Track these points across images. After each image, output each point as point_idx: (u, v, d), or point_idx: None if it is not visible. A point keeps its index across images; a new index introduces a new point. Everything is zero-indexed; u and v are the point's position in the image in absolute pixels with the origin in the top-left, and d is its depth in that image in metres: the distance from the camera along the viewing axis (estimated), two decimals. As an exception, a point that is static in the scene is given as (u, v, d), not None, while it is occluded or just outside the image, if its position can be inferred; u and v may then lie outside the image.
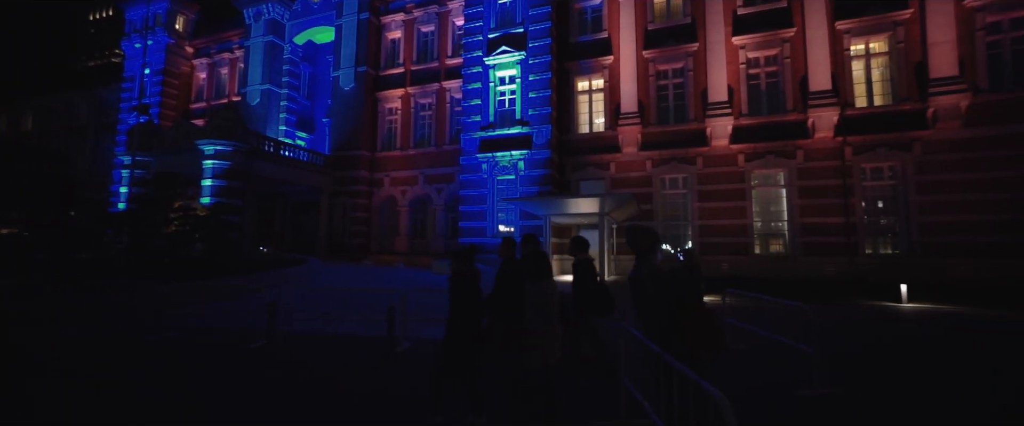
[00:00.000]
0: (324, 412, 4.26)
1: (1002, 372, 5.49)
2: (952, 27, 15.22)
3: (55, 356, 6.42)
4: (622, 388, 3.75)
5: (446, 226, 22.58)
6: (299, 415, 4.20)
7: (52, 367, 5.86)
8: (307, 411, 4.29)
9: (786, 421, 3.91)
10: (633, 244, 3.52)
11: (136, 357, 6.38)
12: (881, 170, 15.88)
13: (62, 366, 5.89)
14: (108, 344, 7.22)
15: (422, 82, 23.65)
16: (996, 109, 14.65)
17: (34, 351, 6.74)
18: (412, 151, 23.61)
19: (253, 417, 4.22)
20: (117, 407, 4.45)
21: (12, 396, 4.79)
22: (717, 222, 17.39)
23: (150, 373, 5.61)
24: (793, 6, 17.29)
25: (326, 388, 4.95)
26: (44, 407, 4.48)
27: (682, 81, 18.68)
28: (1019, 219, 14.07)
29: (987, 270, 13.78)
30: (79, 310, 10.03)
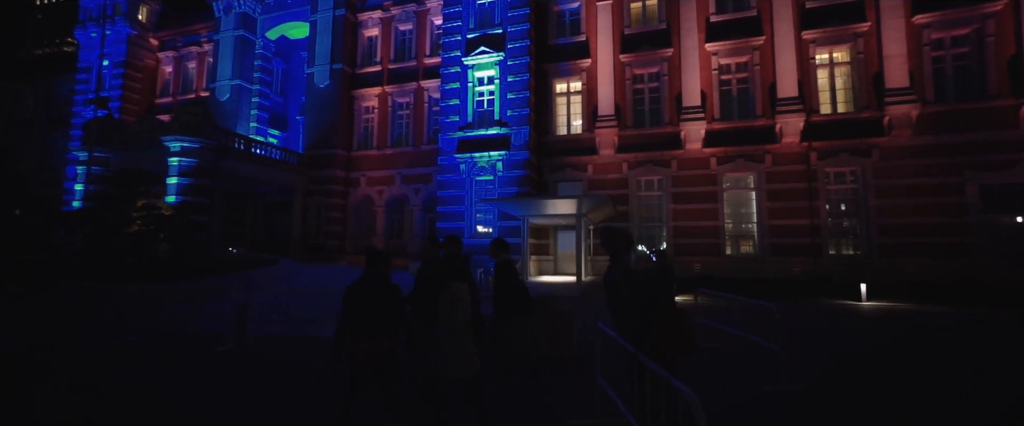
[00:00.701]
0: (293, 419, 4.16)
1: (949, 363, 5.84)
2: (903, 41, 16.09)
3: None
4: (597, 387, 3.80)
5: (423, 226, 22.37)
6: (268, 421, 4.08)
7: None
8: (276, 420, 4.18)
9: (752, 416, 4.04)
10: (607, 245, 3.57)
11: (91, 364, 6.07)
12: (843, 174, 16.62)
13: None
14: (59, 352, 6.84)
15: (400, 81, 23.38)
16: (940, 119, 15.58)
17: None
18: (389, 150, 23.30)
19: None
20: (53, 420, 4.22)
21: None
22: (690, 224, 17.83)
23: (109, 381, 5.35)
24: (762, 15, 17.92)
25: (296, 395, 4.83)
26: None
27: (657, 85, 19.08)
28: (959, 222, 15.02)
29: (936, 269, 14.61)
30: (25, 314, 9.47)
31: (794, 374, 4.98)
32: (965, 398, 4.55)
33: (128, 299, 10.14)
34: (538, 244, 19.26)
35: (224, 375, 5.55)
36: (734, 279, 14.48)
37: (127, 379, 5.38)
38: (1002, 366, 5.84)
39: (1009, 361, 6.09)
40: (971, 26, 15.77)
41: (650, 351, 3.14)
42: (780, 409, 4.20)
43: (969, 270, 14.22)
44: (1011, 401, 4.50)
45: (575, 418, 3.86)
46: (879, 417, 4.04)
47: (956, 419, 4.04)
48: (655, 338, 3.26)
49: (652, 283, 3.48)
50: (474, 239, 19.34)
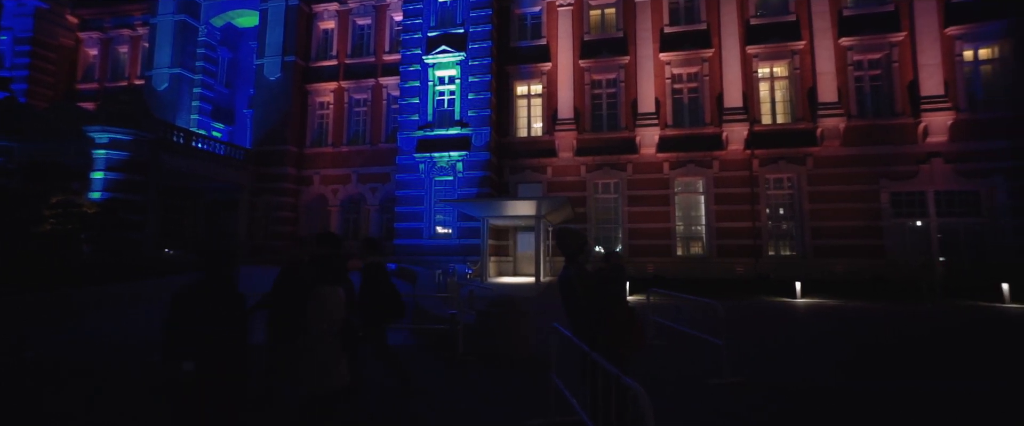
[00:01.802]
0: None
1: (867, 350, 6.46)
2: (832, 60, 17.60)
3: None
4: (552, 387, 3.89)
5: (381, 227, 21.83)
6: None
7: None
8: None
9: (697, 408, 4.28)
10: (562, 247, 3.67)
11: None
12: (782, 180, 17.90)
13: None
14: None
15: (357, 77, 22.69)
16: (861, 132, 17.18)
17: None
18: (345, 148, 22.54)
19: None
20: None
21: None
22: (644, 226, 18.54)
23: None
24: (712, 29, 18.95)
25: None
26: None
27: (615, 91, 19.70)
28: (876, 225, 16.63)
29: (857, 268, 16.08)
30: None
31: (736, 367, 5.32)
32: (874, 378, 5.05)
33: (37, 307, 9.16)
34: (498, 245, 19.33)
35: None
36: (684, 279, 15.22)
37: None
38: (903, 351, 6.53)
39: (900, 346, 6.82)
40: (882, 52, 17.48)
41: (603, 349, 3.25)
42: (723, 400, 4.48)
43: (883, 269, 15.76)
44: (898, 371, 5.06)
45: (531, 418, 3.93)
46: (809, 401, 4.40)
47: (865, 398, 4.48)
48: (608, 336, 3.39)
49: (605, 283, 3.61)
50: (433, 240, 19.12)
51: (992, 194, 16.13)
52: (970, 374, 5.45)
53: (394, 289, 4.47)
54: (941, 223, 16.46)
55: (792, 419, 4.05)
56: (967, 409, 4.25)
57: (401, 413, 4.17)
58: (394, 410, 4.23)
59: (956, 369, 5.72)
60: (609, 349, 3.27)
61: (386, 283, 4.44)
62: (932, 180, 16.51)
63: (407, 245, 19.18)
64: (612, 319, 3.41)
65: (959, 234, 16.41)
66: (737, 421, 3.99)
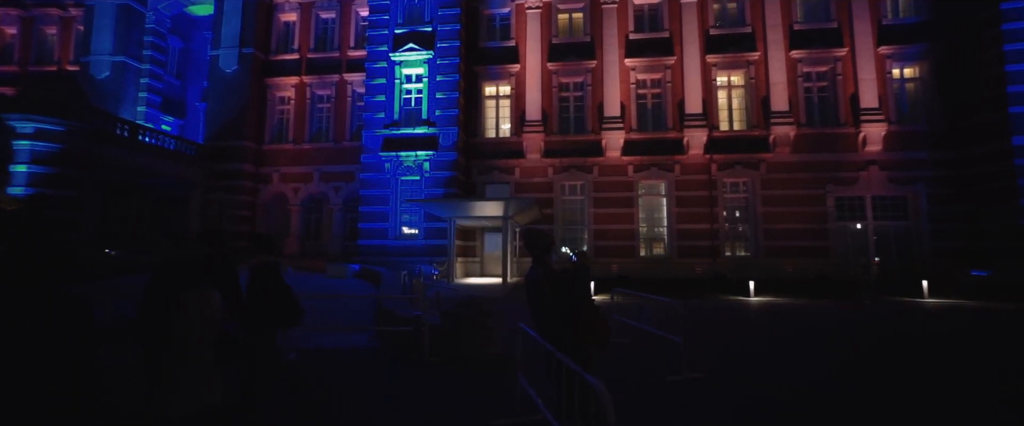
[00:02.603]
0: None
1: (813, 344, 6.94)
2: (784, 71, 18.70)
3: None
4: (518, 387, 3.94)
5: (344, 227, 21.25)
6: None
7: None
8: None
9: (655, 403, 4.46)
10: (530, 247, 3.72)
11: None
12: (738, 184, 18.81)
13: None
14: None
15: (320, 72, 21.97)
16: (809, 140, 18.37)
17: None
18: (307, 145, 21.77)
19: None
20: None
21: None
22: (609, 227, 18.99)
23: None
24: (674, 37, 19.66)
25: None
26: None
27: (582, 94, 20.07)
28: (822, 228, 17.83)
29: (805, 268, 17.15)
30: None
31: (694, 363, 5.56)
32: (818, 369, 5.45)
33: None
34: (465, 246, 19.25)
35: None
36: (647, 279, 15.71)
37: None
38: (844, 342, 7.07)
39: (846, 339, 7.38)
40: (828, 65, 18.75)
41: (570, 348, 3.33)
42: (681, 395, 4.68)
43: (827, 268, 16.89)
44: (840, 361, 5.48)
45: (497, 418, 3.96)
46: (760, 393, 4.68)
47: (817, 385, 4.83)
48: (575, 335, 3.47)
49: (571, 282, 3.71)
50: (399, 240, 18.81)
51: (916, 200, 17.66)
52: (895, 358, 5.97)
53: (288, 292, 4.07)
54: (876, 226, 17.83)
55: (744, 411, 4.29)
56: (890, 381, 4.67)
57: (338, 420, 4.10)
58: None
59: (885, 356, 6.24)
60: (576, 348, 3.36)
61: (277, 285, 4.05)
62: (870, 186, 17.85)
63: (372, 246, 18.76)
64: (579, 318, 3.49)
65: (891, 236, 17.84)
66: (693, 415, 4.20)
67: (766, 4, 19.11)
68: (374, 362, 6.08)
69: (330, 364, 5.90)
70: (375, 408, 4.37)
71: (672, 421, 4.09)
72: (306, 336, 7.03)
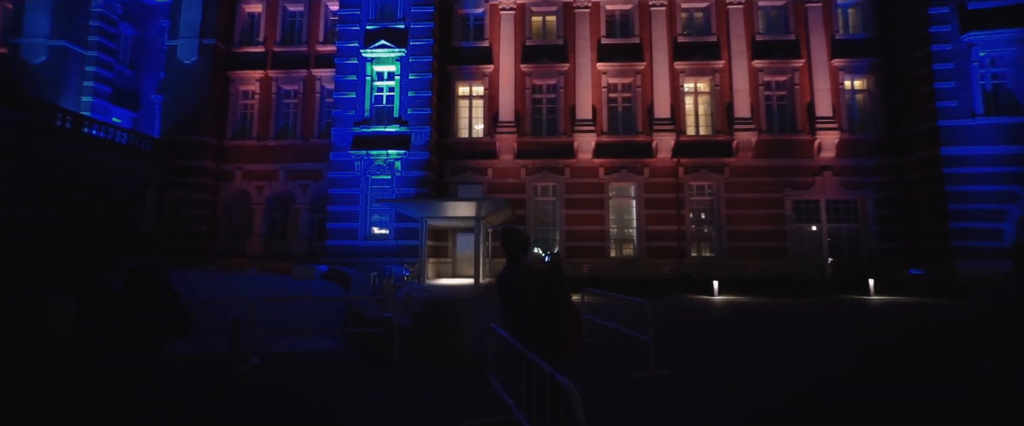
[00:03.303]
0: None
1: (773, 340, 7.31)
2: (746, 79, 19.55)
3: None
4: (489, 388, 3.97)
5: (311, 227, 20.65)
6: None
7: None
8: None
9: (623, 400, 4.60)
10: (508, 246, 3.72)
11: None
12: (703, 187, 19.50)
13: None
14: None
15: (287, 66, 21.27)
16: (769, 146, 19.28)
17: None
18: (272, 142, 21.03)
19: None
20: None
21: None
22: (580, 228, 19.29)
23: None
24: (644, 43, 20.18)
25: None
26: None
27: (555, 97, 20.29)
28: (780, 229, 18.76)
29: (765, 268, 17.99)
30: None
31: (661, 361, 5.76)
32: (776, 365, 5.75)
33: None
34: (437, 246, 19.11)
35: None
36: (617, 279, 16.06)
37: None
38: (802, 340, 7.49)
39: (799, 336, 7.83)
40: (787, 75, 19.75)
41: (549, 345, 3.38)
42: (648, 392, 4.84)
43: (785, 268, 17.78)
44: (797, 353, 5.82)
45: (468, 419, 3.98)
46: (722, 387, 4.90)
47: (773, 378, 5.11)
48: (556, 333, 3.53)
49: (554, 282, 3.76)
50: (369, 241, 18.45)
51: (865, 204, 18.85)
52: (852, 347, 6.39)
53: (172, 299, 3.63)
54: (830, 228, 18.91)
55: (707, 404, 4.49)
56: (838, 367, 5.00)
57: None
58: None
59: (842, 346, 6.65)
60: (555, 346, 3.41)
61: (160, 292, 3.59)
62: (824, 190, 18.91)
63: (341, 246, 18.32)
64: (560, 317, 3.55)
65: (843, 237, 18.96)
66: (658, 409, 4.36)
67: (730, 15, 19.92)
68: (343, 365, 5.97)
69: (297, 368, 5.75)
70: (343, 410, 4.30)
71: (639, 418, 4.22)
72: (271, 339, 6.82)
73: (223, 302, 8.93)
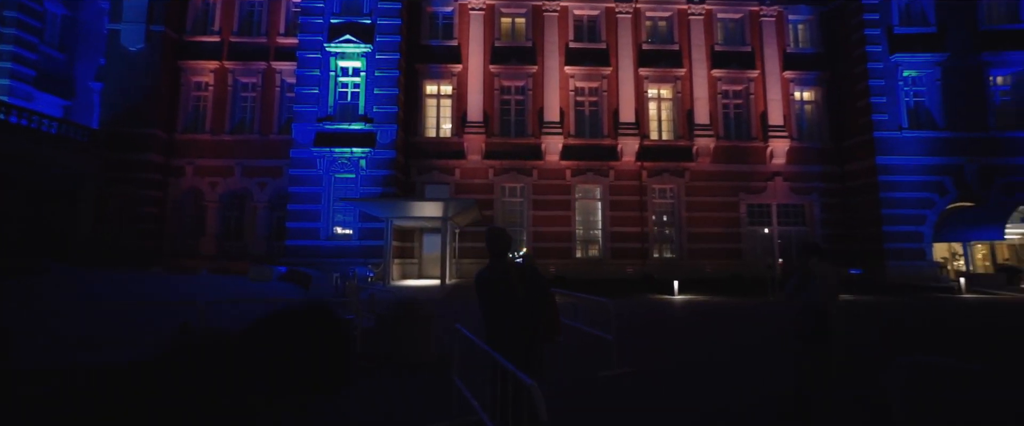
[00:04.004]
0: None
1: (727, 336, 7.69)
2: (706, 87, 20.44)
3: None
4: (454, 389, 3.96)
5: (269, 226, 19.79)
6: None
7: None
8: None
9: (585, 397, 4.72)
10: (494, 245, 3.75)
11: None
12: (665, 190, 20.20)
13: None
14: None
15: (245, 58, 20.27)
16: (726, 152, 20.24)
17: None
18: (228, 137, 19.99)
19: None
20: None
21: None
22: (548, 229, 19.51)
23: None
24: (610, 49, 20.67)
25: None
26: None
27: (523, 98, 20.42)
28: (736, 232, 19.73)
29: (721, 268, 18.86)
30: None
31: (624, 359, 5.93)
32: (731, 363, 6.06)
33: None
34: (402, 247, 18.79)
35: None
36: (582, 279, 16.36)
37: None
38: (753, 336, 7.92)
39: (752, 330, 8.29)
40: (742, 85, 20.80)
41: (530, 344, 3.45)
42: (610, 389, 4.99)
43: (740, 268, 18.71)
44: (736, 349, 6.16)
45: (432, 421, 3.97)
46: (681, 383, 5.11)
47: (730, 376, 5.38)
48: (548, 327, 3.66)
49: (536, 278, 3.85)
50: (332, 241, 17.90)
51: (811, 208, 20.13)
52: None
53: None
54: (780, 231, 20.05)
55: (668, 400, 4.67)
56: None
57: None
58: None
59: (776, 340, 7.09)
60: (531, 344, 3.48)
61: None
62: (775, 195, 20.03)
63: (301, 246, 17.67)
64: (545, 315, 3.65)
65: (792, 240, 20.14)
66: (619, 406, 4.50)
67: (691, 25, 20.74)
68: (305, 371, 5.75)
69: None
70: (298, 416, 4.16)
71: (603, 415, 4.33)
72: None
73: (168, 306, 8.40)
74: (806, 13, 21.03)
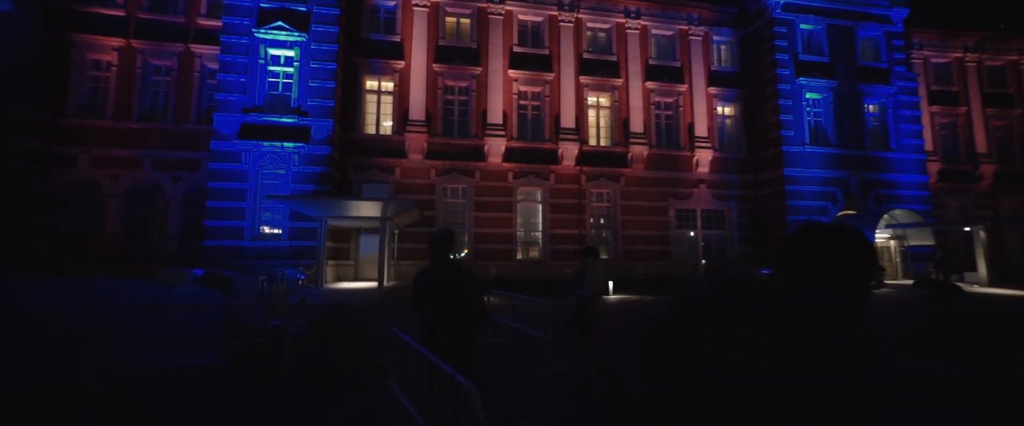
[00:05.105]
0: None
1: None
2: (640, 98, 21.67)
3: None
4: (389, 394, 3.89)
5: (184, 225, 17.96)
6: None
7: None
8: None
9: (521, 396, 4.83)
10: (440, 245, 3.90)
11: None
12: (602, 194, 21.09)
13: None
14: None
15: (157, 37, 18.24)
16: (658, 159, 21.59)
17: None
18: (135, 124, 17.85)
19: None
20: None
21: None
22: (489, 230, 19.57)
23: None
24: (553, 55, 21.22)
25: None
26: None
27: (467, 99, 20.33)
28: (665, 234, 21.12)
29: (652, 269, 20.06)
30: None
31: (560, 358, 6.13)
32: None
33: None
34: (338, 248, 17.92)
35: None
36: (523, 280, 16.59)
37: None
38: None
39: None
40: (673, 97, 22.32)
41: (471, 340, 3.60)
42: (546, 388, 5.15)
43: (669, 269, 20.03)
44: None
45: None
46: (618, 383, 5.39)
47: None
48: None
49: (472, 281, 4.00)
50: (258, 241, 16.63)
51: (730, 213, 22.06)
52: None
53: None
54: (704, 234, 21.74)
55: (600, 396, 4.90)
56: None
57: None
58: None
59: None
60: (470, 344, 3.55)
61: None
62: (700, 201, 21.68)
63: (222, 247, 16.22)
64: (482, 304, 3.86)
65: (713, 242, 21.93)
66: (553, 403, 4.66)
67: (628, 38, 21.88)
68: (222, 381, 5.32)
69: (161, 388, 4.99)
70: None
71: (539, 412, 4.46)
72: (124, 358, 5.77)
73: (54, 315, 7.33)
74: (728, 35, 23.02)
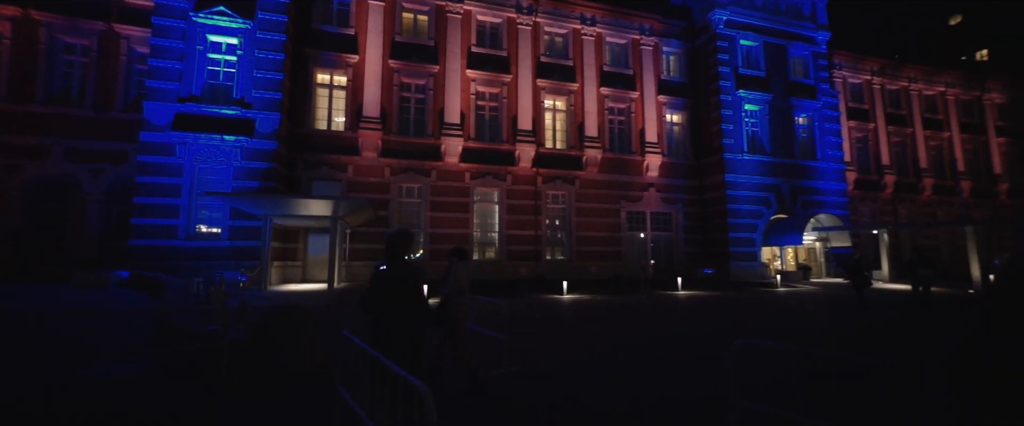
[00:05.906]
0: None
1: (608, 332, 8.50)
2: (595, 103, 22.33)
3: None
4: (338, 400, 3.76)
5: (106, 222, 16.30)
6: None
7: None
8: None
9: (478, 397, 4.84)
10: (398, 245, 3.93)
11: None
12: (558, 196, 21.49)
13: None
14: None
15: (72, 12, 16.43)
16: (611, 163, 22.34)
17: None
18: (40, 108, 15.97)
19: None
20: None
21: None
22: (445, 231, 19.36)
23: None
24: (511, 57, 21.36)
25: None
26: None
27: (424, 97, 20.00)
28: (617, 236, 21.91)
29: (605, 269, 20.72)
30: None
31: (515, 358, 6.19)
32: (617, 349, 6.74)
33: None
34: (284, 248, 17.01)
35: None
36: (480, 281, 16.54)
37: None
38: (627, 324, 8.90)
39: (626, 321, 9.32)
40: (626, 103, 23.20)
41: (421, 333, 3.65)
42: (501, 387, 5.19)
43: (620, 269, 20.77)
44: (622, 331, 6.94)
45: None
46: (565, 378, 5.53)
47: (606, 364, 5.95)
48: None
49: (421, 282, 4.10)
50: (194, 241, 15.43)
51: (677, 216, 23.24)
52: (664, 328, 7.86)
53: None
54: (653, 236, 22.73)
55: (553, 395, 5.00)
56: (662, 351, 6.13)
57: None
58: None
59: (658, 329, 8.10)
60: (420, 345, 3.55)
61: None
62: (649, 204, 22.66)
63: (152, 247, 14.88)
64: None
65: (661, 243, 22.99)
66: (508, 403, 4.71)
67: (584, 44, 22.48)
68: (151, 393, 4.90)
69: (82, 402, 4.51)
70: None
71: (493, 412, 4.48)
72: (33, 372, 5.15)
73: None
74: (677, 46, 24.25)
